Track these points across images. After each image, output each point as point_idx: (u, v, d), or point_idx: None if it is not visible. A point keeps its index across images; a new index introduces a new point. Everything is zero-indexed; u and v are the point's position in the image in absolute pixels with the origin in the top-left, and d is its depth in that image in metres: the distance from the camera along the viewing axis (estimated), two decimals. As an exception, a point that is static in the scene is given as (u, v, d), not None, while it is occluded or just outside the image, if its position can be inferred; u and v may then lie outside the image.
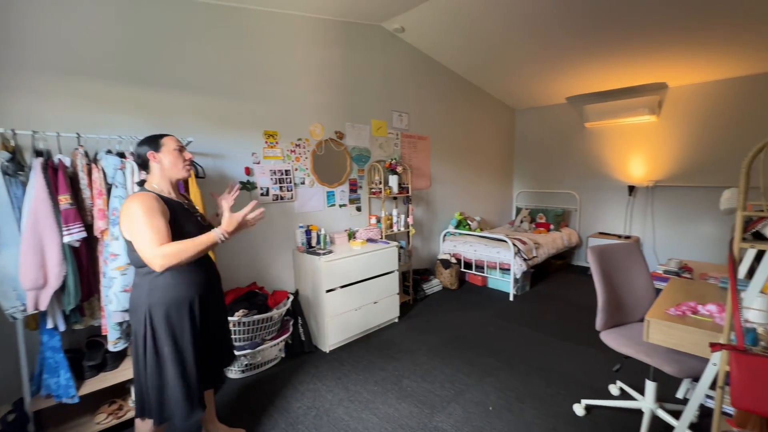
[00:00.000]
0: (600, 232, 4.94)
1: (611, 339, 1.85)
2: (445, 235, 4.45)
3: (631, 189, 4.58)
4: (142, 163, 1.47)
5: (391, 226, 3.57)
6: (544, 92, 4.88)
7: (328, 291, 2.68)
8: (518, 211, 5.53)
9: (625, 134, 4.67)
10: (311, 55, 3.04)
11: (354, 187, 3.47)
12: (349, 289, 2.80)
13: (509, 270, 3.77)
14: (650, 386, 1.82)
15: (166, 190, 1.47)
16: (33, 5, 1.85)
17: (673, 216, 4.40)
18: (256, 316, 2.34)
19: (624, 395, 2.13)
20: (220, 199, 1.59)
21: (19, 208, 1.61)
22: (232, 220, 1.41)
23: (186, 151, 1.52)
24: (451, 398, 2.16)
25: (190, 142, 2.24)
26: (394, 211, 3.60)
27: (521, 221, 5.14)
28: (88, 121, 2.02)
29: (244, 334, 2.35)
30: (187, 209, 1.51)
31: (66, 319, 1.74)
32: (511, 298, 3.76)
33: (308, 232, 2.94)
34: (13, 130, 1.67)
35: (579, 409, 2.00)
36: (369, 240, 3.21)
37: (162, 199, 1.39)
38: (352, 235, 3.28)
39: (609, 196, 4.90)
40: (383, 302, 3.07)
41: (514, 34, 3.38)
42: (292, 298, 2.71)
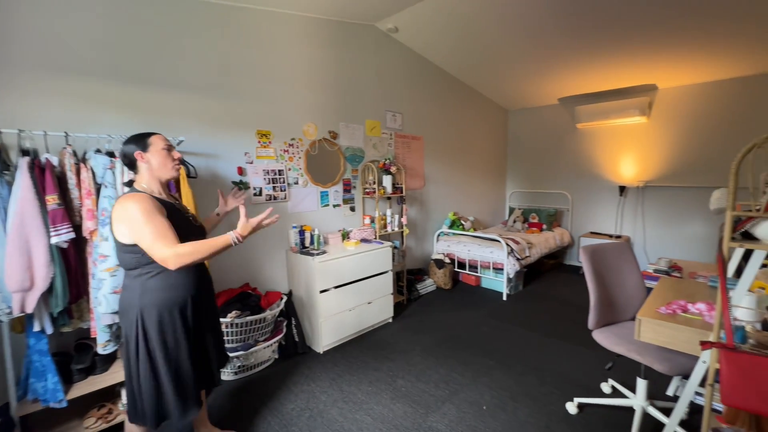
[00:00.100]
0: (591, 232, 5.00)
1: (603, 338, 1.87)
2: (439, 235, 4.46)
3: (622, 189, 4.64)
4: (130, 163, 1.44)
5: (385, 226, 3.57)
6: (536, 93, 4.92)
7: (322, 291, 2.66)
8: (511, 211, 5.57)
9: (616, 135, 4.73)
10: (305, 55, 3.02)
11: (348, 187, 3.46)
12: (342, 290, 2.79)
13: (502, 270, 3.79)
14: (641, 384, 1.84)
15: (157, 191, 1.44)
16: (19, 0, 1.81)
17: (663, 216, 4.47)
18: (249, 317, 2.32)
19: (616, 393, 2.16)
20: (231, 200, 1.82)
21: (4, 209, 1.58)
22: (248, 225, 1.39)
23: (175, 150, 1.49)
24: (446, 398, 2.16)
25: (182, 141, 2.22)
26: (388, 211, 3.60)
27: (514, 221, 5.17)
28: (76, 120, 1.98)
29: (237, 336, 2.32)
30: (179, 209, 1.49)
31: (54, 321, 1.70)
32: (505, 298, 3.79)
33: (302, 233, 2.92)
34: (-1, 129, 1.63)
35: (572, 408, 2.01)
36: (363, 240, 3.21)
37: (154, 199, 1.37)
38: (345, 236, 3.26)
39: (600, 196, 4.96)
40: (377, 302, 3.06)
41: (507, 34, 3.40)
42: (285, 298, 2.69)
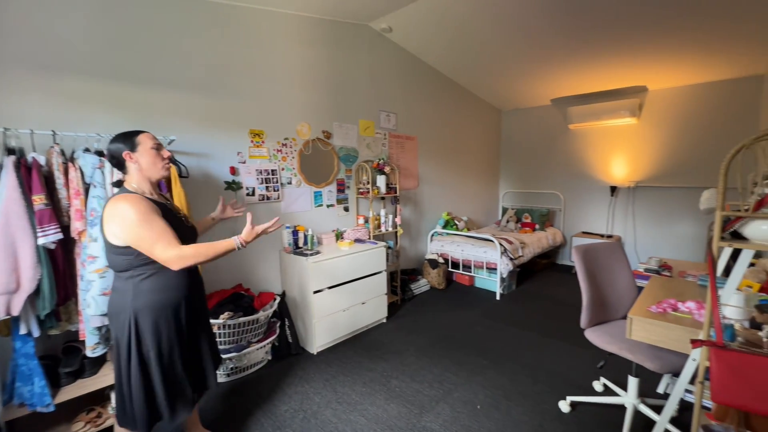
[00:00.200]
0: (583, 232, 5.05)
1: (595, 336, 1.88)
2: (433, 235, 4.47)
3: (613, 189, 4.69)
4: (118, 163, 1.39)
5: (379, 227, 3.57)
6: (529, 94, 4.96)
7: (316, 292, 2.65)
8: (504, 211, 5.60)
9: (608, 136, 4.78)
10: (298, 54, 3.00)
11: (341, 187, 3.45)
12: (336, 290, 2.78)
13: (496, 269, 3.81)
14: (633, 382, 1.86)
15: (148, 191, 1.42)
16: (4, -4, 1.77)
17: (653, 215, 4.53)
18: (241, 319, 2.30)
19: (607, 391, 2.18)
20: (229, 210, 1.82)
21: (-11, 209, 1.54)
22: (253, 232, 1.41)
23: (164, 149, 1.46)
24: (440, 398, 2.16)
25: (173, 140, 2.19)
26: (382, 212, 3.59)
27: (507, 221, 5.21)
28: (64, 118, 1.94)
29: (230, 337, 2.30)
30: (171, 210, 1.47)
31: (41, 324, 1.66)
32: (498, 297, 3.81)
33: (295, 233, 2.90)
34: (-17, 127, 1.59)
35: (564, 406, 2.03)
36: (357, 240, 3.20)
37: (147, 200, 1.35)
38: (339, 236, 3.25)
39: (592, 196, 5.01)
40: (371, 303, 3.06)
41: (501, 34, 3.42)
42: (278, 299, 2.67)
